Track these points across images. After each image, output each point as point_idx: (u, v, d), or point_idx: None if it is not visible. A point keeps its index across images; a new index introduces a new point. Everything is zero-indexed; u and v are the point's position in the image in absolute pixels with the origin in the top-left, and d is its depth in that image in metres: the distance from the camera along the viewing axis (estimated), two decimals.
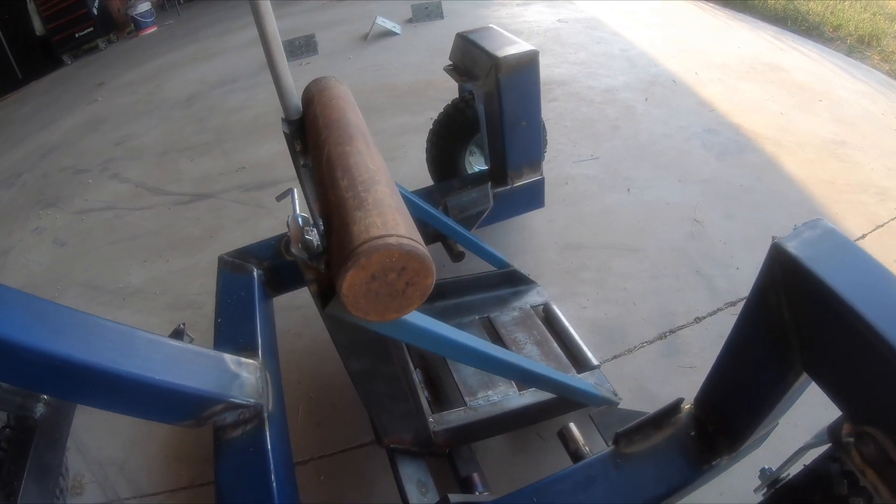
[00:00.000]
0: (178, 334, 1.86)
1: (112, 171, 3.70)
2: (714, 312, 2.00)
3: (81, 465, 1.79)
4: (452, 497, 1.18)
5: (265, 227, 2.77)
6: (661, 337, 1.94)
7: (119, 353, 1.14)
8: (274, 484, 1.12)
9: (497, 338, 1.78)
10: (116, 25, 7.49)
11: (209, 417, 1.26)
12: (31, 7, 6.87)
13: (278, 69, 1.11)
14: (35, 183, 3.86)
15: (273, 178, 3.20)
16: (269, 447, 1.19)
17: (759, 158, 2.69)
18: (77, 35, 7.07)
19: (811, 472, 0.99)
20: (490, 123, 1.95)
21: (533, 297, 1.94)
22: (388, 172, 0.95)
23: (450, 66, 2.13)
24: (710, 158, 2.73)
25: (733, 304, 2.02)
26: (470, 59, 1.97)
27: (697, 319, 1.98)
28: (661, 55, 3.84)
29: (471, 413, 1.50)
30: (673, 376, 1.80)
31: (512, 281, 1.95)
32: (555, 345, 1.76)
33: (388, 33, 4.98)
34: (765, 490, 1.12)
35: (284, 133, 1.25)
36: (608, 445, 1.27)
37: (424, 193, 2.07)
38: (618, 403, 1.57)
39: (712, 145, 2.82)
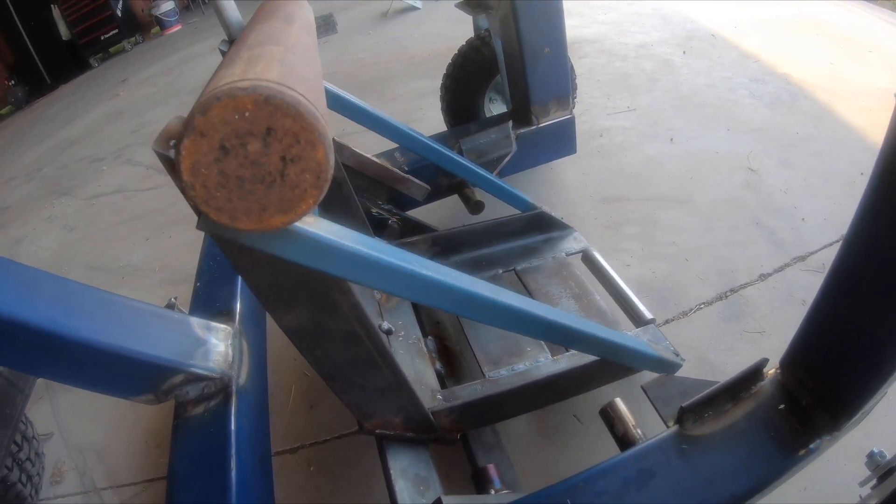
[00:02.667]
0: (169, 308, 1.70)
1: (126, 157, 3.66)
2: (781, 269, 1.71)
3: (63, 451, 1.65)
4: (447, 499, 0.90)
5: None
6: (721, 297, 1.64)
7: (61, 310, 0.94)
8: (233, 473, 0.88)
9: (526, 293, 1.48)
10: (141, 26, 7.52)
11: (169, 391, 1.04)
12: (57, 13, 6.94)
13: None
14: (54, 174, 3.88)
15: None
16: (234, 428, 0.96)
17: (814, 107, 2.42)
18: (103, 38, 7.11)
19: None
20: (509, 56, 1.68)
21: (569, 244, 1.63)
22: (316, 51, 0.69)
23: (461, 1, 1.87)
24: (759, 107, 2.46)
25: (803, 258, 1.73)
26: None
27: (762, 277, 1.69)
28: (697, 12, 3.56)
29: (488, 386, 1.20)
30: (738, 343, 1.52)
31: (541, 226, 1.65)
32: (597, 298, 1.46)
33: (409, 9, 4.77)
34: (874, 482, 0.83)
35: (221, 52, 1.05)
36: (668, 426, 0.99)
37: (437, 139, 1.78)
38: (680, 366, 1.24)
39: (761, 94, 2.55)
